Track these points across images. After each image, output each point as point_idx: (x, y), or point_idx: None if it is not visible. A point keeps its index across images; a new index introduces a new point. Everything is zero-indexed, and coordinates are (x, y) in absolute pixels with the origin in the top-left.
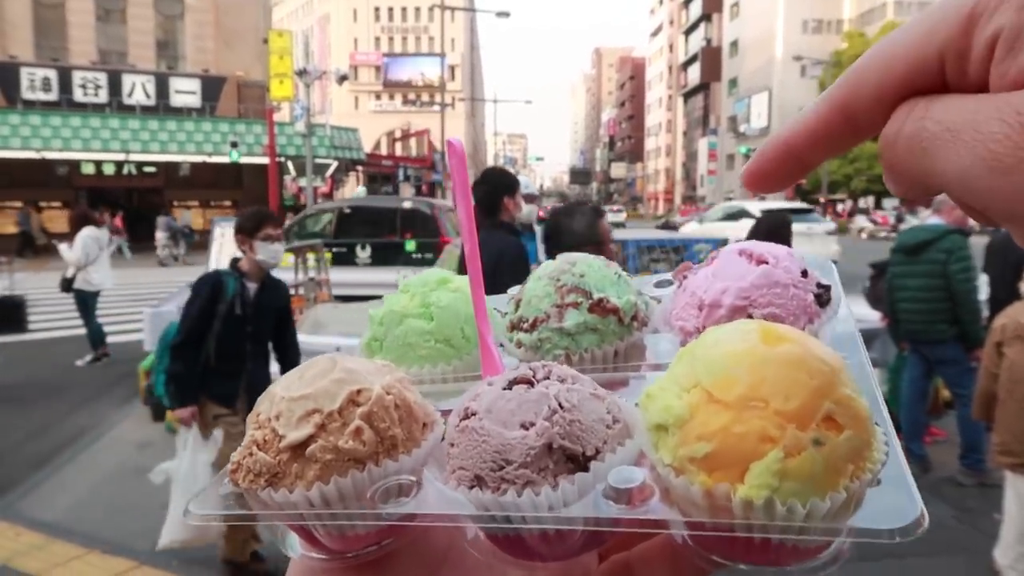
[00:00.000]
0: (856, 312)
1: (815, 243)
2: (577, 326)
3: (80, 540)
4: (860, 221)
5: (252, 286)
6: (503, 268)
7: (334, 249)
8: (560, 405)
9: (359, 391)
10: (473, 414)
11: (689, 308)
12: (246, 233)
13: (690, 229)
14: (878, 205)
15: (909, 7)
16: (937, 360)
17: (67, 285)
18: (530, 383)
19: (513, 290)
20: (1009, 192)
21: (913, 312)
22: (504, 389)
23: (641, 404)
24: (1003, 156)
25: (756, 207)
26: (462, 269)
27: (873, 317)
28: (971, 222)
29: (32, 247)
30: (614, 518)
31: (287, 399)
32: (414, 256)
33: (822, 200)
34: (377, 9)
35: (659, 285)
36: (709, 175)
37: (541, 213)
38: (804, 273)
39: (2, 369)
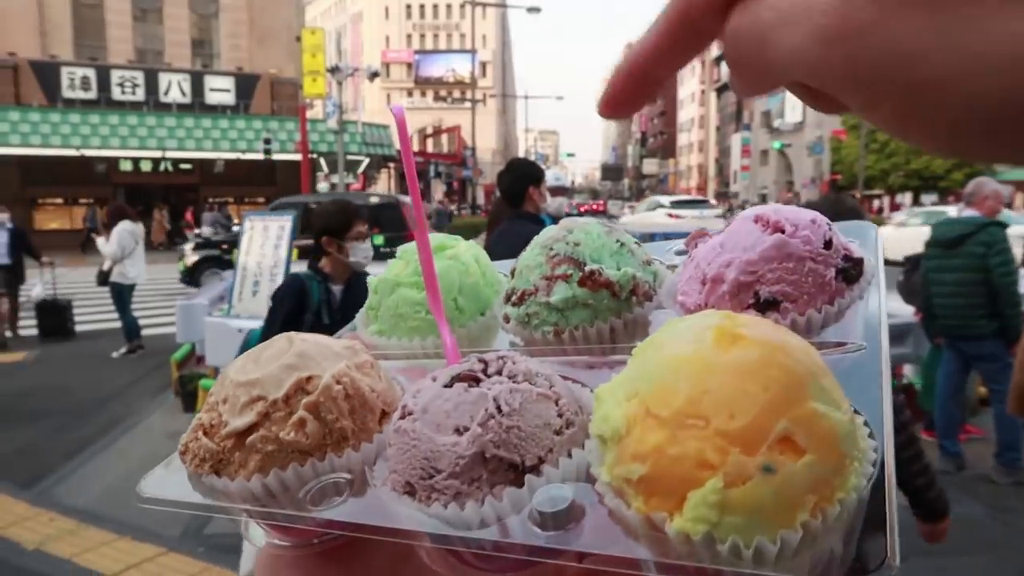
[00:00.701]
0: (890, 307)
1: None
2: (566, 301)
3: (111, 526)
4: (898, 216)
5: (337, 289)
6: None
7: (300, 244)
8: (499, 408)
9: (308, 379)
10: (409, 414)
11: (693, 282)
12: (334, 234)
13: (627, 219)
14: (916, 201)
15: None
16: (975, 356)
17: (103, 278)
18: (475, 380)
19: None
20: (839, 60)
21: (950, 307)
22: (444, 386)
23: (592, 407)
24: (830, 28)
25: (667, 199)
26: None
27: (907, 312)
28: (1004, 213)
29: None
30: (536, 547)
31: (235, 383)
32: (383, 250)
33: (858, 195)
34: (409, 6)
35: (680, 253)
36: (742, 171)
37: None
38: (828, 243)
39: (40, 361)
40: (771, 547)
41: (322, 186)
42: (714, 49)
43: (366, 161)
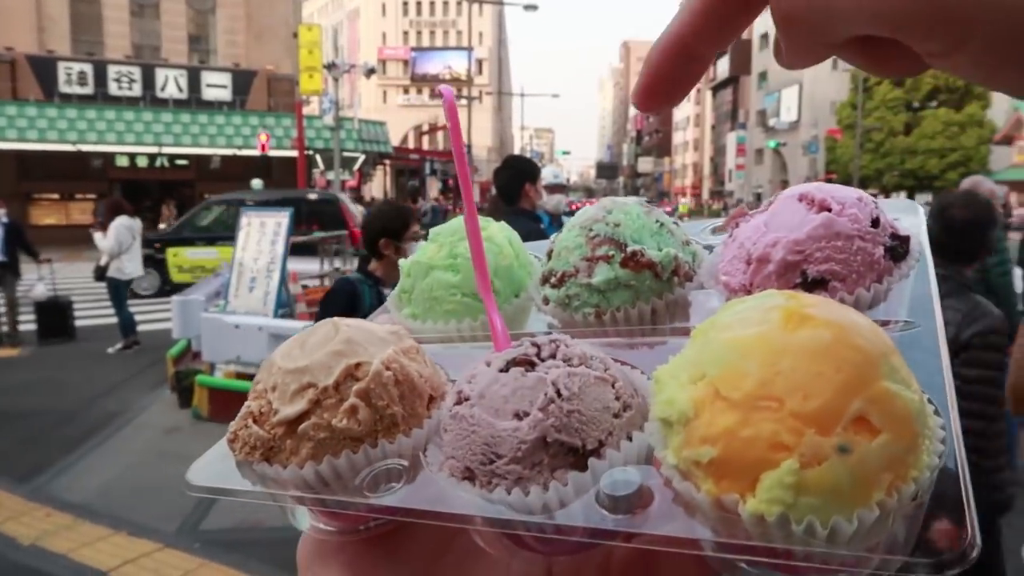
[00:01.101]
0: None
1: None
2: (608, 282)
3: (107, 522)
4: None
5: (388, 292)
6: None
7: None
8: (559, 392)
9: (357, 365)
10: (466, 399)
11: (736, 262)
12: (392, 235)
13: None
14: (911, 199)
15: None
16: None
17: (100, 274)
18: (530, 364)
19: (554, 236)
20: None
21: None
22: (500, 371)
23: (651, 389)
24: None
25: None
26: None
27: None
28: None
29: None
30: (604, 530)
31: (284, 370)
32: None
33: None
34: (406, 4)
35: (717, 231)
36: (737, 170)
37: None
38: (875, 222)
39: (36, 356)
40: (847, 526)
41: (256, 182)
42: None
43: (362, 158)
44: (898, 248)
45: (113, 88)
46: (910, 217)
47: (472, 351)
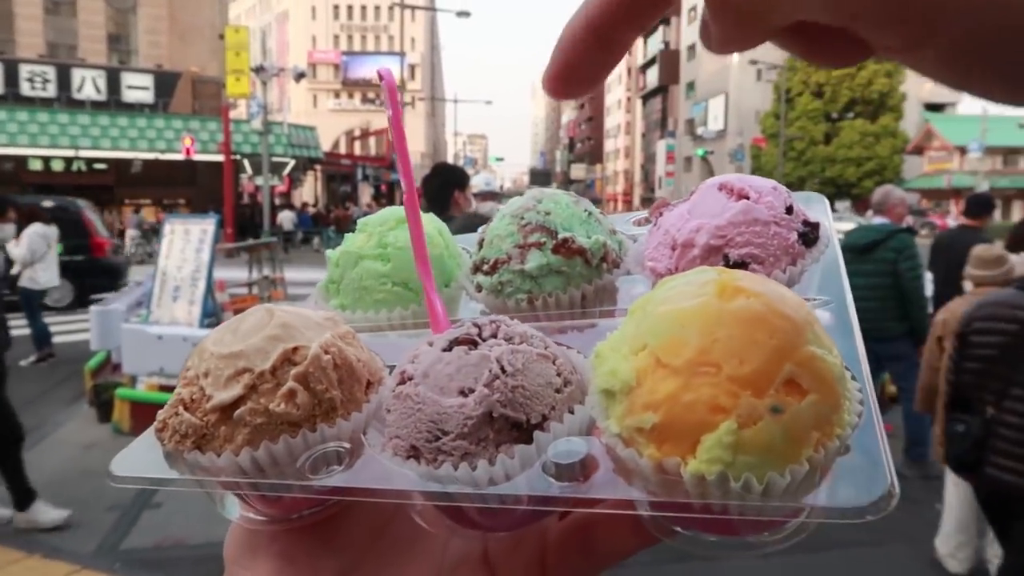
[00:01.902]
0: None
1: None
2: (540, 268)
3: (20, 544)
4: None
5: None
6: None
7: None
8: (503, 369)
9: (295, 349)
10: (409, 378)
11: (662, 248)
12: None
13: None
14: (832, 207)
15: None
16: (886, 356)
17: (12, 283)
18: (473, 343)
19: (482, 229)
20: None
21: (863, 310)
22: (444, 351)
23: (591, 364)
24: None
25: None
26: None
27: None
28: (910, 220)
29: None
30: (553, 497)
31: (216, 355)
32: (61, 259)
33: None
34: (336, 7)
35: (639, 223)
36: (667, 177)
37: None
38: (789, 209)
39: None
40: (781, 480)
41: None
42: (639, 56)
43: (292, 163)
44: (809, 234)
45: (25, 88)
46: (817, 206)
47: (402, 340)
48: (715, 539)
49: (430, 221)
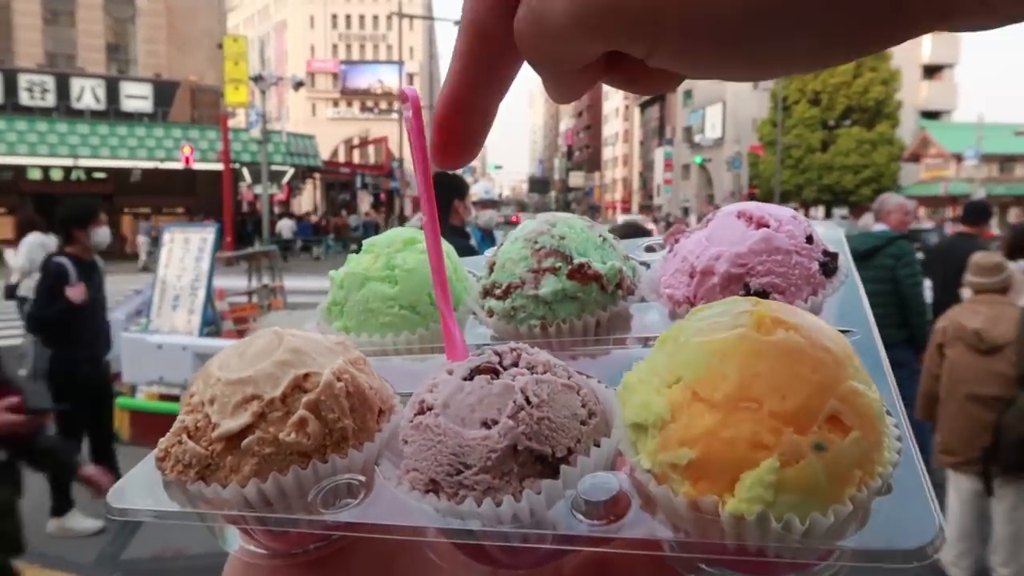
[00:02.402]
0: None
1: None
2: (555, 293)
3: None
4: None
5: None
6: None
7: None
8: (527, 400)
9: (306, 376)
10: (429, 408)
11: (680, 275)
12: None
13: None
14: (828, 214)
15: None
16: None
17: (10, 292)
18: (495, 372)
19: (490, 251)
20: (607, 6)
21: None
22: (464, 379)
23: (618, 395)
24: None
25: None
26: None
27: None
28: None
29: None
30: (582, 536)
31: (223, 381)
32: None
33: None
34: (335, 16)
35: (649, 249)
36: (665, 185)
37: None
38: (809, 239)
39: None
40: (824, 521)
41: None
42: None
43: (290, 171)
44: (830, 264)
45: (24, 98)
46: (832, 235)
47: (408, 364)
48: None
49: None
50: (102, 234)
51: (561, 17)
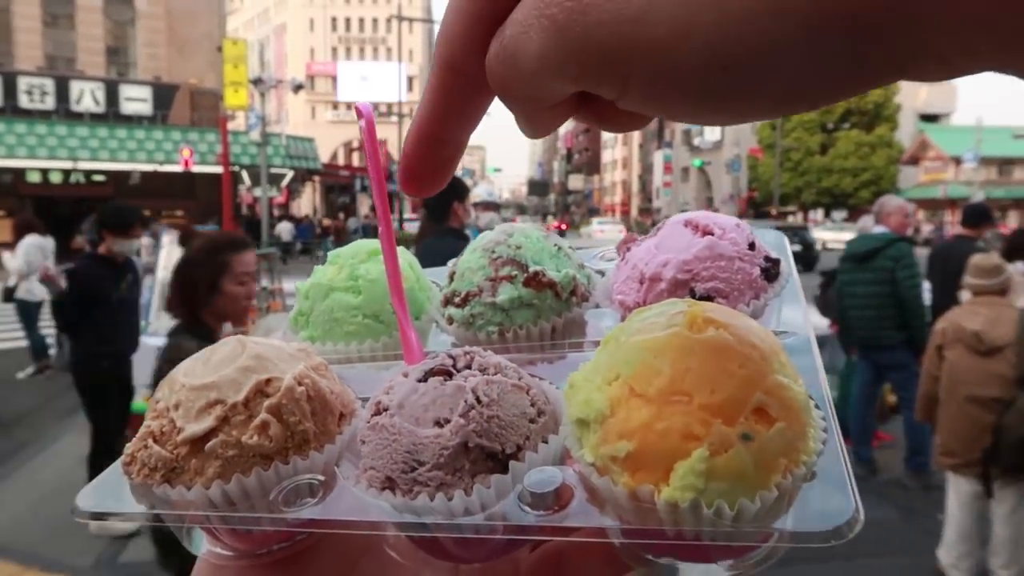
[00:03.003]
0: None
1: None
2: (511, 301)
3: (18, 558)
4: (818, 232)
5: None
6: None
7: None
8: (478, 399)
9: (268, 381)
10: (385, 409)
11: (630, 282)
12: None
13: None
14: (827, 216)
15: None
16: (886, 365)
17: (8, 295)
18: (448, 374)
19: (452, 262)
20: (576, 47)
21: (863, 319)
22: (419, 381)
23: (565, 394)
24: (558, 16)
25: None
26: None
27: (822, 324)
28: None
29: None
30: (529, 526)
31: (188, 387)
32: None
33: (774, 212)
34: (334, 19)
35: (606, 259)
36: (664, 187)
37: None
38: (751, 245)
39: None
40: (751, 507)
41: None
42: None
43: (290, 174)
44: (771, 269)
45: (24, 100)
46: (776, 242)
47: (371, 372)
48: (685, 566)
49: (402, 254)
50: (133, 245)
51: (533, 58)
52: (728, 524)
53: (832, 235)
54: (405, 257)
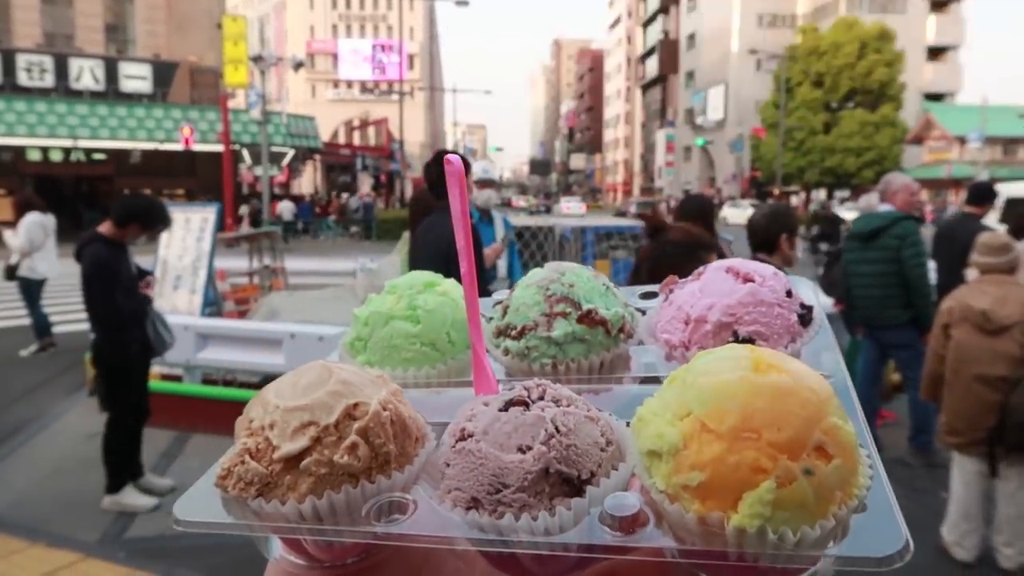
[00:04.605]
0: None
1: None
2: (565, 336)
3: (23, 533)
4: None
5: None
6: (456, 253)
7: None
8: (557, 429)
9: (356, 405)
10: (470, 435)
11: (675, 322)
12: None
13: None
14: (830, 196)
15: (861, 3)
16: (891, 344)
17: (11, 273)
18: (526, 404)
19: (498, 295)
20: None
21: (868, 298)
22: (500, 410)
23: (633, 427)
24: None
25: None
26: (413, 260)
27: (827, 303)
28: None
29: None
30: (612, 545)
31: (282, 409)
32: None
33: (776, 192)
34: None
35: (644, 296)
36: (667, 167)
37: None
38: (788, 293)
39: None
40: (811, 533)
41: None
42: (639, 47)
43: (291, 153)
44: (807, 316)
45: (23, 78)
46: (805, 288)
47: (427, 396)
48: None
49: (455, 287)
50: (141, 239)
51: None
52: (789, 548)
53: (854, 215)
54: (458, 289)
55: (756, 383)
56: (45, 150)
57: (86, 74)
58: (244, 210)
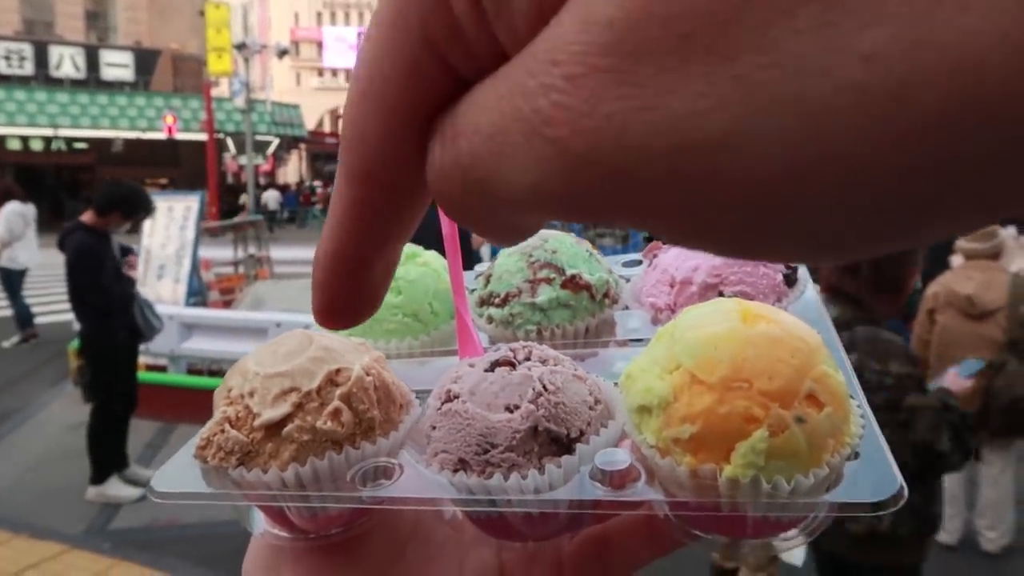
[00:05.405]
0: None
1: None
2: (550, 301)
3: (6, 525)
4: None
5: None
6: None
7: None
8: (544, 387)
9: (338, 371)
10: (456, 396)
11: (660, 285)
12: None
13: None
14: None
15: None
16: None
17: None
18: (512, 365)
19: (480, 266)
20: (604, 186)
21: None
22: (486, 371)
23: (621, 384)
24: (567, 139)
25: None
26: None
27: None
28: None
29: None
30: (604, 500)
31: (262, 376)
32: None
33: None
34: None
35: (627, 265)
36: None
37: None
38: None
39: None
40: (805, 481)
41: None
42: None
43: (276, 142)
44: (791, 276)
45: (2, 66)
46: None
47: (409, 367)
48: (730, 540)
49: (436, 258)
50: (124, 227)
51: (520, 191)
52: (784, 497)
53: None
54: (439, 260)
55: (746, 333)
56: (25, 139)
57: (66, 62)
58: (244, 199)
